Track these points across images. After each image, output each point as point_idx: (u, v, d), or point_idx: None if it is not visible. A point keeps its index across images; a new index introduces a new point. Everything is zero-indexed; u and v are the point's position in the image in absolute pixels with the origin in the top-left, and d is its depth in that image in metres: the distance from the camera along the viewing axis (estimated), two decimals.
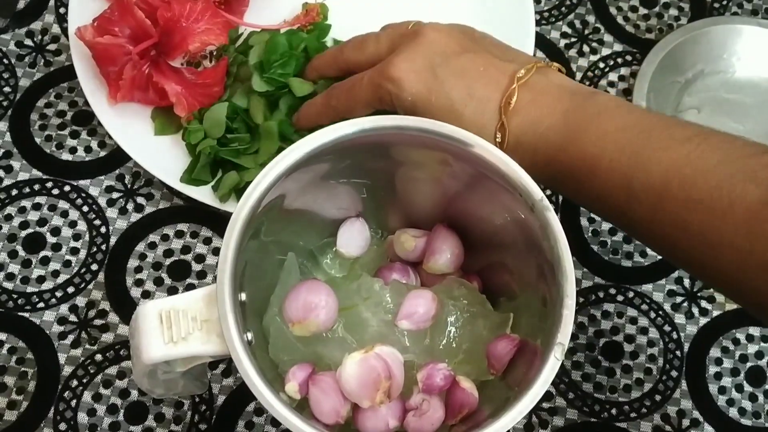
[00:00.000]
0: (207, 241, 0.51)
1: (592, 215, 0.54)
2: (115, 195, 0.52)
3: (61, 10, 0.57)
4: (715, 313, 0.52)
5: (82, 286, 0.49)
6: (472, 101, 0.40)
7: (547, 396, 0.49)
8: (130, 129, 0.51)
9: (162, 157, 0.51)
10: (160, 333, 0.33)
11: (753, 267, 0.35)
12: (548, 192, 0.53)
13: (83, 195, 0.52)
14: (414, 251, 0.42)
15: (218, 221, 0.52)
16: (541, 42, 0.58)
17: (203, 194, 0.50)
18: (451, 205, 0.42)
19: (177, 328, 0.34)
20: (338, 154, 0.37)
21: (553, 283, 0.35)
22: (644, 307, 0.51)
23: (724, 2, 0.61)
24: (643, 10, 0.60)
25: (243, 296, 0.35)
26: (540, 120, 0.40)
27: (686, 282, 0.52)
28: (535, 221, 0.35)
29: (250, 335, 0.35)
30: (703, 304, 0.52)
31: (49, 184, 0.52)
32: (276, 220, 0.38)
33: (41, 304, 0.49)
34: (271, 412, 0.32)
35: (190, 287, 0.50)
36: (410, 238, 0.42)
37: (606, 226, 0.53)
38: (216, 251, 0.51)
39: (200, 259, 0.51)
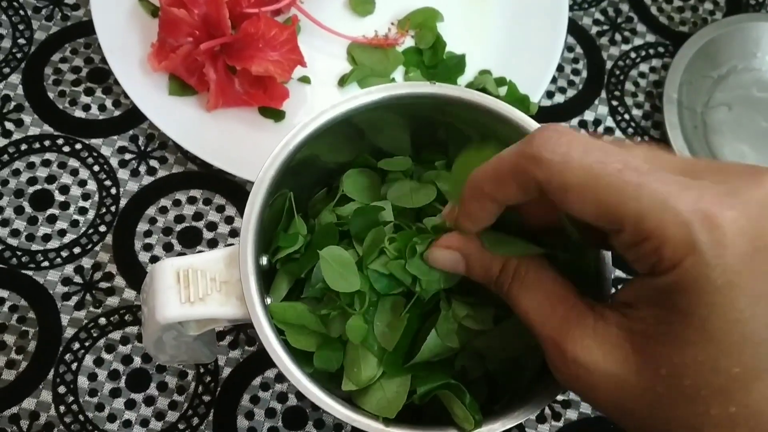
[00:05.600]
0: (220, 209, 0.50)
1: None
2: (127, 156, 0.50)
3: None
4: None
5: (89, 247, 0.48)
6: None
7: None
8: (148, 89, 0.50)
9: (178, 119, 0.49)
10: (176, 292, 0.32)
11: None
12: None
13: (95, 154, 0.50)
14: None
15: (233, 189, 0.50)
16: (573, 28, 0.56)
17: (219, 160, 0.48)
18: None
19: (195, 288, 0.32)
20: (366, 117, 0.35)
21: None
22: None
23: None
24: (677, 2, 0.59)
25: (264, 260, 0.34)
26: None
27: None
28: None
29: (269, 300, 0.33)
30: None
31: (60, 141, 0.50)
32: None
33: (46, 263, 0.47)
34: (291, 380, 0.30)
35: None
36: None
37: None
38: (228, 220, 0.49)
39: (212, 226, 0.49)
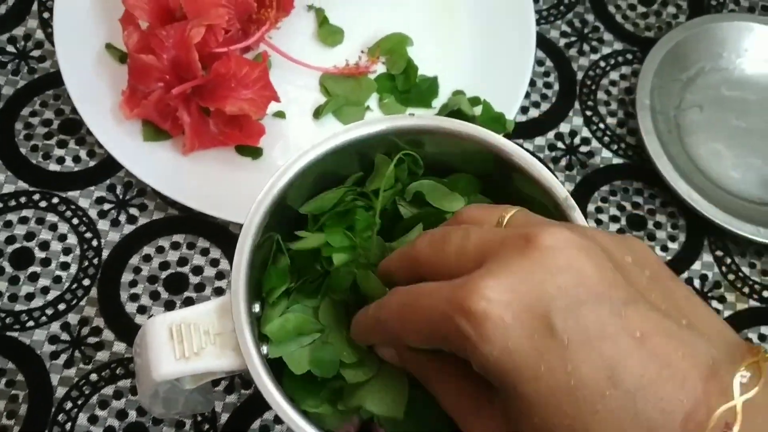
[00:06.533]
0: (204, 252, 0.49)
1: (600, 206, 0.52)
2: (106, 206, 0.50)
3: (45, 15, 0.54)
4: None
5: (74, 302, 0.47)
6: (617, 391, 0.23)
7: None
8: (121, 137, 0.49)
9: (155, 165, 0.49)
10: (170, 348, 0.31)
11: None
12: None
13: (72, 207, 0.49)
14: None
15: (215, 231, 0.49)
16: (541, 42, 0.57)
17: (199, 203, 0.48)
18: None
19: (189, 343, 0.31)
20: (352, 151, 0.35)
21: None
22: None
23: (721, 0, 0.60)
24: (641, 9, 0.59)
25: (257, 307, 0.33)
26: None
27: None
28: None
29: (265, 348, 0.33)
30: None
31: (36, 197, 0.49)
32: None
33: (31, 323, 0.46)
34: (293, 427, 0.30)
35: (189, 301, 0.48)
36: None
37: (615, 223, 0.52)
38: (214, 262, 0.49)
39: (198, 271, 0.49)
